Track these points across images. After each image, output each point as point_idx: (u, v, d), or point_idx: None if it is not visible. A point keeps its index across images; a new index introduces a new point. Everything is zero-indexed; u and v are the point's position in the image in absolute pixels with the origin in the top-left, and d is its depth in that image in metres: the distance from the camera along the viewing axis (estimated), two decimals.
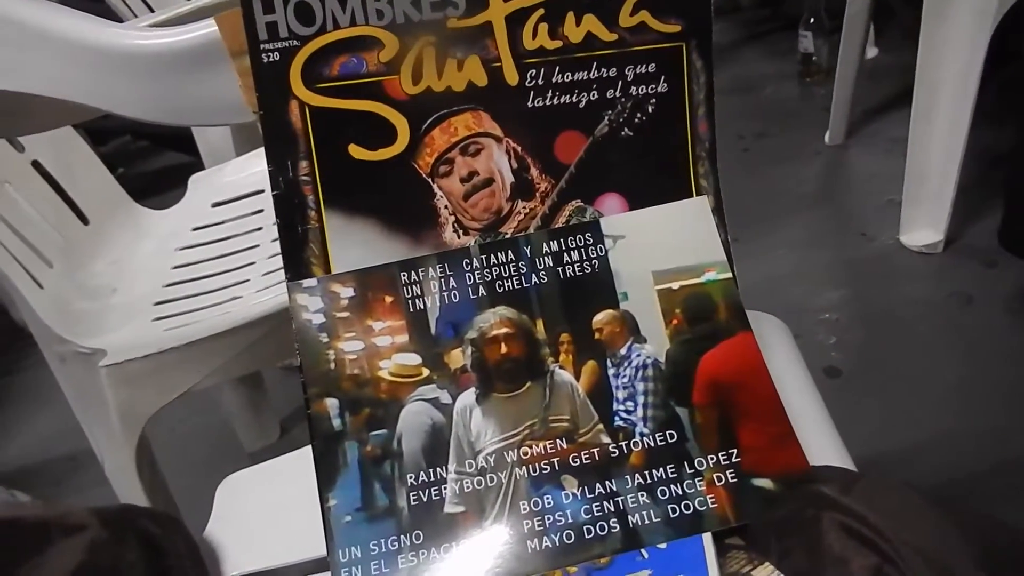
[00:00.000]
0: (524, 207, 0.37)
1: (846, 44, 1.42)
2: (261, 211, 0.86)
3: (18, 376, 1.38)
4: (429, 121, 0.37)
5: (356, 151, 0.37)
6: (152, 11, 1.17)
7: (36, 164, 0.77)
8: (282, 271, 0.76)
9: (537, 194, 0.38)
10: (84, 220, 0.80)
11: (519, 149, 0.37)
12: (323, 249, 0.37)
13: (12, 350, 1.43)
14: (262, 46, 0.36)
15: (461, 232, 0.37)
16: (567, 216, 0.37)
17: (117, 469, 0.64)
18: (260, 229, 0.82)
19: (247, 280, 0.72)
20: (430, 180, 0.37)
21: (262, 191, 0.89)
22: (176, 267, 0.78)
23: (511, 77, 0.37)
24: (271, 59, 0.36)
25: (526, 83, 0.37)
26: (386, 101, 0.37)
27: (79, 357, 0.63)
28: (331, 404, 0.34)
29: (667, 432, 0.33)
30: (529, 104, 0.37)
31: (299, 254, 0.37)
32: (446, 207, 0.37)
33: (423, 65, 0.37)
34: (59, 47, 0.39)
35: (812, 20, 1.77)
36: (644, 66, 0.38)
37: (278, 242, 0.83)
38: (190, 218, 0.87)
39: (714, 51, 0.38)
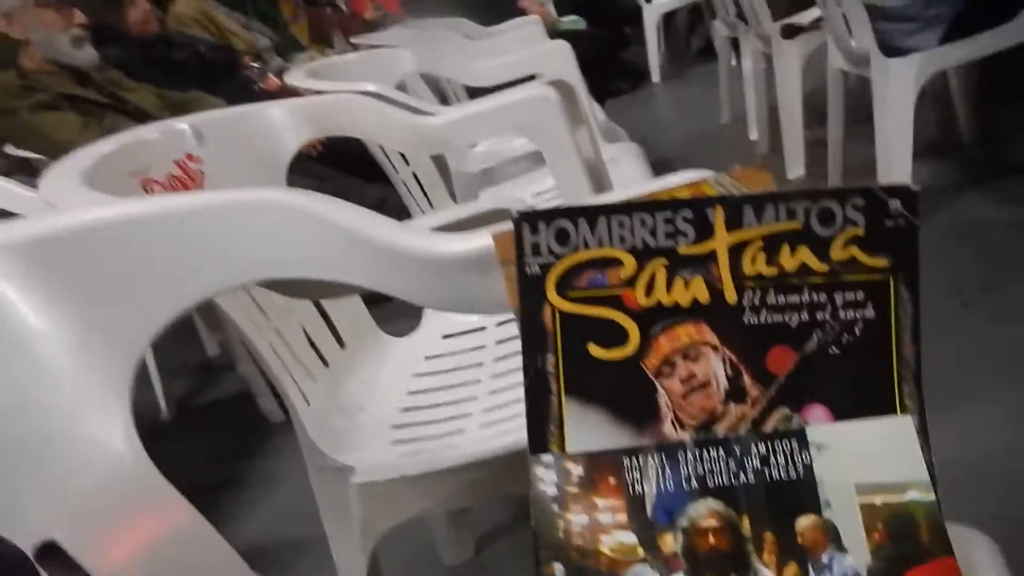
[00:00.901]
0: (736, 410, 0.43)
1: None
2: (483, 347, 0.97)
3: (256, 461, 1.59)
4: (657, 329, 0.44)
5: (594, 350, 0.44)
6: (420, 183, 1.39)
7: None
8: (500, 409, 0.85)
9: (748, 399, 0.43)
10: (342, 344, 0.95)
11: (734, 359, 0.43)
12: (560, 429, 0.44)
13: (254, 435, 1.66)
14: (526, 260, 0.45)
15: (678, 427, 0.43)
16: (775, 422, 0.42)
17: (349, 573, 0.74)
18: (481, 365, 0.93)
19: (470, 414, 0.82)
20: (654, 379, 0.44)
21: (484, 328, 1.01)
22: (411, 392, 0.90)
23: (730, 296, 0.43)
24: (532, 271, 0.45)
25: (743, 302, 0.43)
26: (622, 310, 0.44)
27: (332, 470, 0.75)
28: (558, 569, 0.40)
29: None
30: (745, 320, 0.43)
31: (541, 432, 0.44)
32: (667, 403, 0.43)
33: (655, 282, 0.44)
34: (367, 247, 0.50)
35: None
36: (853, 294, 0.42)
37: (497, 379, 0.93)
38: (423, 347, 1.00)
39: (931, 193, 0.42)
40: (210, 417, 1.86)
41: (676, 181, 0.46)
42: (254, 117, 1.00)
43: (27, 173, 2.13)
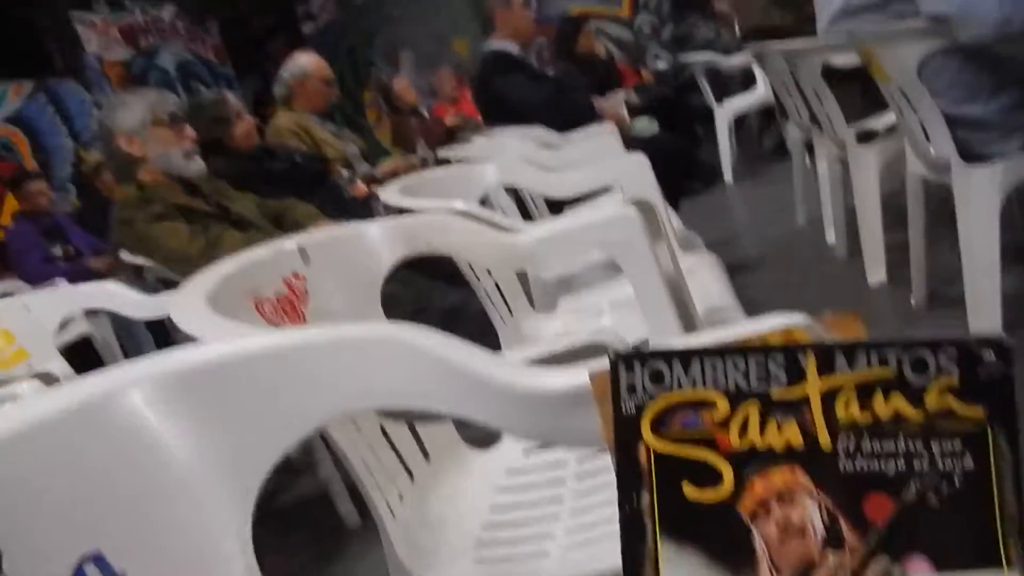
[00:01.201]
0: (834, 558, 0.43)
1: None
2: (565, 463, 0.98)
3: (334, 567, 1.60)
4: (751, 471, 0.45)
5: (689, 491, 0.45)
6: (499, 289, 1.44)
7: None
8: (584, 531, 0.85)
9: (846, 547, 0.43)
10: (427, 457, 0.98)
11: (830, 505, 0.44)
12: (656, 570, 0.45)
13: (331, 540, 1.68)
14: (622, 398, 0.47)
15: (775, 572, 0.43)
16: (875, 572, 0.42)
17: None
18: (563, 482, 0.93)
19: (553, 536, 0.83)
20: (749, 523, 0.44)
21: None
22: (493, 508, 0.91)
23: (824, 442, 0.44)
24: (628, 410, 0.47)
25: (838, 448, 0.44)
26: (716, 451, 0.45)
27: None
28: None
29: None
30: (840, 467, 0.44)
31: (636, 570, 0.45)
32: (762, 548, 0.44)
33: (748, 425, 0.45)
34: (468, 380, 0.54)
35: None
36: (950, 443, 0.43)
37: (580, 499, 0.93)
38: (505, 460, 1.01)
39: (1022, 302, 0.42)
40: (290, 519, 1.89)
41: (768, 326, 0.48)
42: (354, 237, 1.08)
43: (134, 275, 2.30)
